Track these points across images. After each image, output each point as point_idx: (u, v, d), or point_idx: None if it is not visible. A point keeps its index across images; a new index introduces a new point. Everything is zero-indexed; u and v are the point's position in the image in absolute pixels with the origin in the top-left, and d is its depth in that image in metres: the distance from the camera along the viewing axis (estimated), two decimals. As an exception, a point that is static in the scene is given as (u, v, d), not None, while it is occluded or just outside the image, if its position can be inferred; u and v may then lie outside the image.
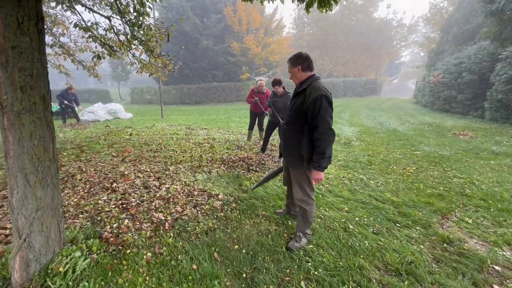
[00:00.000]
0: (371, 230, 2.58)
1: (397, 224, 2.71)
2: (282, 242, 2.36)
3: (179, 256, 2.14)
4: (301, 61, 2.06)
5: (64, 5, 5.13)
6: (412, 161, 4.98)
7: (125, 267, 1.98)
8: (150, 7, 4.13)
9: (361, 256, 2.16)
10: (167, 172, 4.02)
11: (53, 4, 5.57)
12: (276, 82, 4.51)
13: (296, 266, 2.04)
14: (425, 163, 4.85)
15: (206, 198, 3.22)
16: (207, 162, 4.51)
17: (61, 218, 1.92)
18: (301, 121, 2.00)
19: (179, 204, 3.04)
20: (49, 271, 1.83)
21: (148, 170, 4.13)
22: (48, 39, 6.55)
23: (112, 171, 4.07)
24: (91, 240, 2.24)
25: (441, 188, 3.68)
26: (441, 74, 13.22)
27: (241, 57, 21.21)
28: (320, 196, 3.34)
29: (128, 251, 2.16)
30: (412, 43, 31.97)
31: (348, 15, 29.65)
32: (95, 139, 6.57)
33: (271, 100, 4.73)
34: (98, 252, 2.13)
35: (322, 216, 2.83)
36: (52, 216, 1.82)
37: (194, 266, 2.01)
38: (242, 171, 4.13)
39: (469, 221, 2.78)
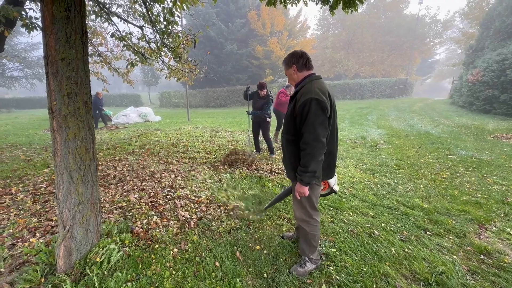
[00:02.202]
0: (398, 237, 2.48)
1: (428, 232, 2.57)
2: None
3: (203, 253, 2.23)
4: (295, 59, 1.78)
5: (102, 18, 5.61)
6: (446, 165, 4.66)
7: (153, 260, 2.11)
8: (178, 16, 4.35)
9: (387, 263, 2.09)
10: (192, 173, 4.19)
11: (92, 17, 6.08)
12: (260, 87, 4.66)
13: (317, 270, 2.02)
14: (461, 168, 4.52)
15: (230, 198, 3.30)
16: (231, 164, 4.61)
17: (98, 212, 2.11)
18: (293, 130, 1.75)
19: (204, 203, 3.15)
20: (87, 260, 2.02)
21: (175, 170, 4.33)
22: (88, 49, 7.17)
23: (142, 170, 4.33)
24: (124, 234, 2.41)
25: (479, 195, 3.41)
26: (481, 72, 12.20)
27: (264, 60, 21.37)
28: (344, 200, 3.27)
29: (157, 246, 2.29)
30: (448, 40, 29.89)
31: (376, 14, 28.55)
32: (128, 140, 7.03)
33: (253, 99, 4.87)
34: (130, 245, 2.30)
35: (345, 221, 2.77)
36: (91, 210, 2.00)
37: (217, 264, 2.08)
38: (264, 173, 4.17)
39: (511, 232, 2.55)
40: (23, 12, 4.55)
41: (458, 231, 2.57)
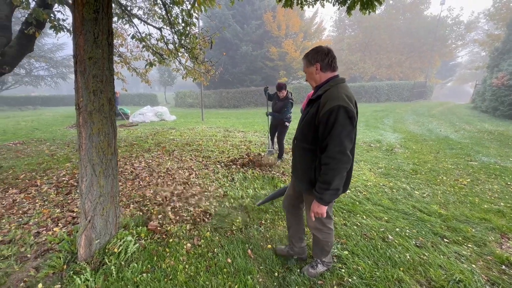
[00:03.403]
0: (414, 242, 2.41)
1: (445, 239, 2.48)
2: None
3: (215, 249, 2.27)
4: (320, 57, 1.55)
5: (124, 19, 5.83)
6: (466, 172, 4.48)
7: (168, 254, 2.18)
8: (196, 18, 4.46)
9: (401, 269, 2.04)
10: (206, 171, 4.27)
11: (115, 19, 6.33)
12: (279, 87, 4.48)
13: (328, 272, 2.01)
14: (482, 175, 4.33)
15: (242, 197, 3.34)
16: (243, 164, 4.65)
17: (117, 205, 2.20)
18: (312, 138, 1.55)
19: (217, 200, 3.20)
20: (106, 250, 2.11)
21: (189, 168, 4.43)
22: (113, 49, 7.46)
23: (157, 167, 4.45)
24: (140, 227, 2.50)
25: (502, 203, 3.26)
26: (506, 75, 11.63)
27: (279, 61, 21.37)
28: (358, 203, 3.22)
29: (171, 240, 2.36)
30: (471, 42, 28.64)
31: (394, 15, 27.84)
32: (144, 138, 7.24)
33: (273, 100, 4.74)
34: (146, 238, 2.38)
35: (358, 224, 2.73)
36: (111, 203, 2.09)
37: (229, 260, 2.12)
38: (277, 174, 4.18)
39: (536, 243, 2.42)
40: (51, 14, 4.82)
41: (477, 239, 2.47)
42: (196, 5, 4.12)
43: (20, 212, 2.96)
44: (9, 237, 2.43)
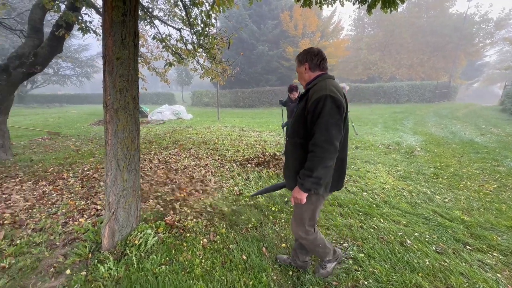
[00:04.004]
0: (434, 248, 2.34)
1: (468, 246, 2.38)
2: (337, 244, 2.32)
3: (231, 245, 2.32)
4: (309, 57, 1.61)
5: (145, 21, 6.04)
6: (492, 177, 4.26)
7: (185, 248, 2.25)
8: (215, 18, 4.54)
9: (420, 274, 1.99)
10: (222, 169, 4.34)
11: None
12: (290, 89, 4.44)
13: (344, 273, 2.00)
14: (510, 181, 4.09)
15: (257, 196, 3.37)
16: (259, 163, 4.68)
17: (139, 199, 2.30)
18: (303, 131, 1.55)
19: (231, 198, 3.26)
20: (127, 242, 2.21)
21: (205, 165, 4.52)
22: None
23: (175, 164, 4.58)
24: (158, 222, 2.60)
25: (532, 212, 3.07)
26: (540, 76, 10.86)
27: (295, 61, 21.21)
28: (374, 206, 3.16)
29: (188, 235, 2.43)
30: (501, 41, 27.00)
31: (417, 13, 26.78)
32: (162, 136, 7.46)
33: (287, 104, 4.69)
34: (164, 232, 2.47)
35: (375, 227, 2.68)
36: (133, 196, 2.19)
37: (244, 257, 2.15)
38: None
39: None
40: (79, 17, 5.08)
41: (504, 248, 2.35)
42: (215, 6, 4.19)
43: (49, 203, 3.16)
44: (40, 225, 2.61)
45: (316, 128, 1.42)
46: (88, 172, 4.27)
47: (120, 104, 1.84)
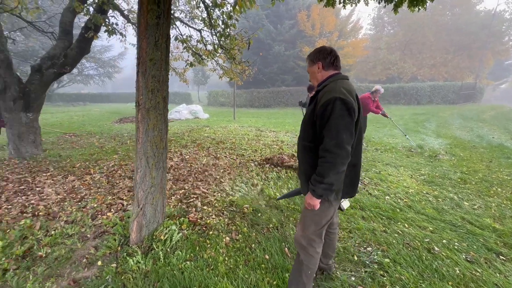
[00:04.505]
0: (464, 257, 2.24)
1: (501, 256, 2.27)
2: (353, 250, 2.29)
3: (253, 245, 2.33)
4: (322, 55, 1.54)
5: (167, 22, 6.19)
6: (525, 184, 4.02)
7: (208, 245, 2.29)
8: (236, 19, 4.59)
9: (450, 283, 1.92)
10: (240, 169, 4.37)
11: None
12: (311, 88, 4.37)
13: (369, 278, 1.96)
14: (546, 189, 3.84)
15: (278, 196, 3.37)
16: (277, 163, 4.67)
17: (164, 195, 2.37)
18: (312, 134, 1.49)
19: (251, 197, 3.28)
20: (154, 237, 2.29)
21: (224, 164, 4.57)
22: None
23: (194, 163, 4.67)
24: (182, 218, 2.66)
25: None
26: None
27: (306, 61, 20.98)
28: (398, 210, 3.07)
29: (211, 232, 2.48)
30: (533, 39, 25.32)
31: (441, 10, 25.66)
32: (180, 135, 7.63)
33: (306, 105, 4.62)
34: (187, 229, 2.53)
35: (400, 232, 2.61)
36: (159, 193, 2.26)
37: (267, 257, 2.17)
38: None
39: None
40: (106, 19, 5.30)
41: (542, 260, 2.21)
42: (236, 7, 4.23)
43: (79, 197, 3.32)
44: (71, 218, 2.75)
45: (325, 132, 1.35)
46: (112, 169, 4.45)
47: (151, 104, 1.91)
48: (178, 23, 6.35)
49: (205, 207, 2.98)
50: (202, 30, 5.90)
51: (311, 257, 1.60)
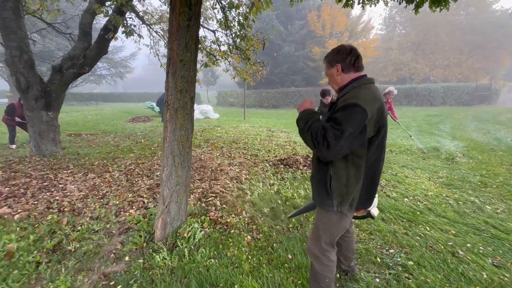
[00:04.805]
0: (490, 261, 2.20)
1: (529, 262, 2.21)
2: (376, 252, 2.28)
3: (274, 244, 2.35)
4: (341, 57, 1.39)
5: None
6: (550, 189, 3.89)
7: (231, 243, 2.32)
8: (253, 20, 4.62)
9: (477, 287, 1.89)
10: (255, 169, 4.40)
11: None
12: (322, 94, 4.32)
13: (394, 280, 1.95)
14: None
15: (294, 197, 3.38)
16: (291, 164, 4.68)
17: (188, 194, 2.41)
18: None
19: (269, 198, 3.29)
20: (177, 234, 2.34)
21: (239, 164, 4.61)
22: (164, 51, 8.13)
23: (210, 162, 4.72)
24: (203, 217, 2.70)
25: None
26: None
27: (321, 62, 20.76)
28: (418, 213, 3.03)
29: (232, 231, 2.51)
30: (553, 38, 24.46)
31: (455, 10, 25.08)
32: (193, 134, 7.72)
33: (319, 108, 4.56)
34: (208, 227, 2.56)
35: (422, 235, 2.58)
36: (184, 192, 2.31)
37: (290, 256, 2.18)
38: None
39: None
40: (124, 21, 5.42)
41: None
42: (253, 8, 4.27)
43: (100, 194, 3.42)
44: (95, 214, 2.83)
45: (330, 121, 1.27)
46: (130, 167, 4.54)
47: (179, 104, 1.95)
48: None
49: (224, 206, 3.02)
50: (216, 31, 5.97)
51: (325, 266, 1.55)
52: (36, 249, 2.22)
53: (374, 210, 1.69)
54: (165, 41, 7.69)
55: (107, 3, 5.53)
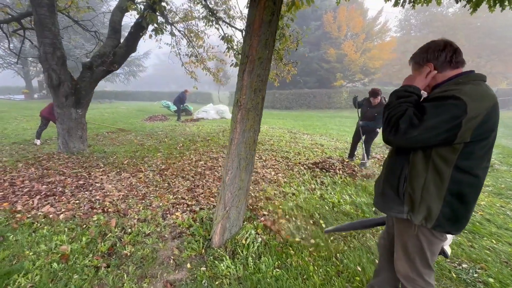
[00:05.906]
0: None
1: None
2: (448, 266, 2.12)
3: (337, 254, 2.21)
4: (433, 54, 1.20)
5: (210, 22, 6.21)
6: None
7: (293, 252, 2.19)
8: (292, 19, 4.50)
9: None
10: (291, 172, 4.27)
11: (202, 22, 6.77)
12: (373, 94, 4.32)
13: (480, 299, 1.80)
14: None
15: (340, 203, 3.23)
16: (327, 168, 4.53)
17: (247, 199, 2.30)
18: None
19: (314, 203, 3.16)
20: (236, 241, 2.22)
21: (272, 167, 4.49)
22: (187, 50, 8.08)
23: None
24: (255, 222, 2.58)
25: None
26: None
27: (336, 63, 20.61)
28: (478, 224, 2.85)
29: (290, 238, 2.38)
30: None
31: (477, 13, 24.45)
32: (215, 134, 7.63)
33: (363, 107, 4.55)
34: (263, 234, 2.44)
35: (490, 248, 2.41)
36: (244, 196, 2.20)
37: (359, 268, 2.04)
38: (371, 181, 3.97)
39: None
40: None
41: None
42: (293, 7, 4.14)
43: (140, 194, 3.33)
44: (141, 216, 2.74)
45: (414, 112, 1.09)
46: (162, 167, 4.47)
47: (252, 104, 1.84)
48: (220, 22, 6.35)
49: (273, 210, 2.90)
50: (243, 31, 5.87)
51: None
52: (90, 252, 2.14)
53: (447, 248, 1.44)
54: (188, 40, 7.66)
55: (138, 0, 5.49)
